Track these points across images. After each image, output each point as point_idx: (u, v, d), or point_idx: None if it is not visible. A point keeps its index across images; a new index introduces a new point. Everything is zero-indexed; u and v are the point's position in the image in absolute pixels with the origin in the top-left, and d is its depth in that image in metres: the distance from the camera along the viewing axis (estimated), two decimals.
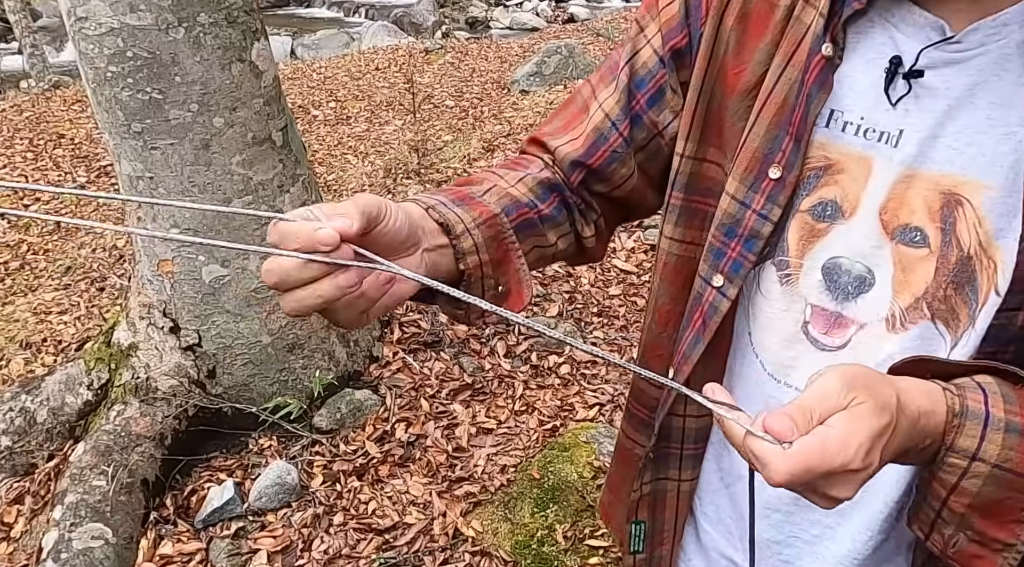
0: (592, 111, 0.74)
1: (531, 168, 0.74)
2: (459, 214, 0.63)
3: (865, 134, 0.60)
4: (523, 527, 1.93)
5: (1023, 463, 0.51)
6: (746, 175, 0.64)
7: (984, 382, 0.53)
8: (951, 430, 0.51)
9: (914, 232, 0.59)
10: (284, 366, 2.13)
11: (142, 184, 1.85)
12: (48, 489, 1.91)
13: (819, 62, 0.60)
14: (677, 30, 0.68)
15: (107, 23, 1.64)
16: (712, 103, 0.67)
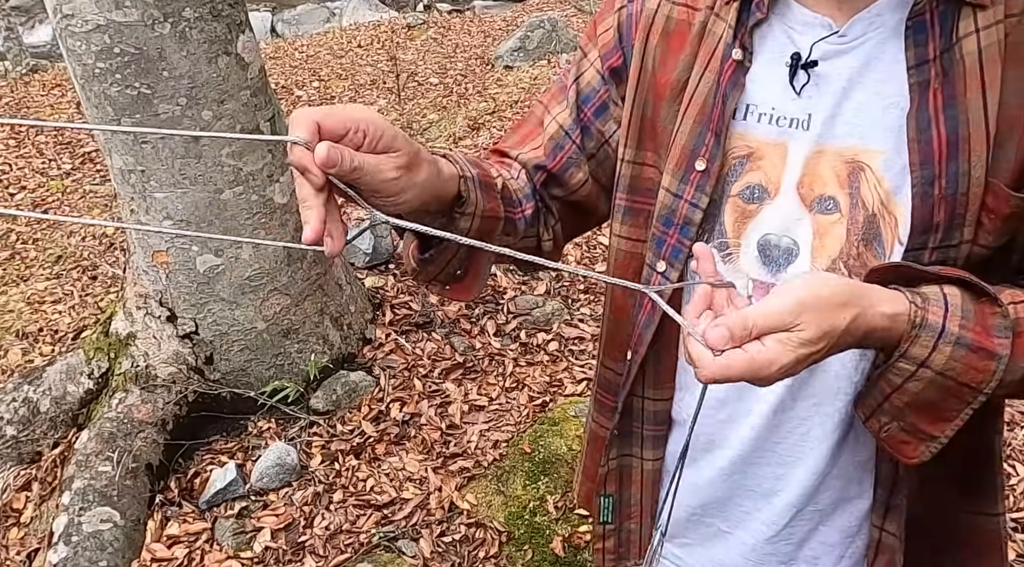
0: (547, 124, 0.82)
1: (512, 170, 0.81)
2: (478, 198, 0.68)
3: (777, 122, 0.68)
4: (516, 499, 2.02)
5: (963, 373, 0.58)
6: (677, 170, 0.73)
7: (950, 295, 0.59)
8: (907, 339, 0.58)
9: (828, 201, 0.67)
10: (280, 351, 2.19)
11: (134, 177, 1.88)
12: (55, 476, 1.97)
13: (731, 66, 0.69)
14: (612, 52, 0.78)
15: (93, 20, 1.66)
16: (646, 111, 0.76)
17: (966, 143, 0.61)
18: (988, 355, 0.58)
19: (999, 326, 0.58)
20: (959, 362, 0.57)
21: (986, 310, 0.59)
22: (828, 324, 0.54)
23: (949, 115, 0.61)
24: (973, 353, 0.57)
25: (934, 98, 0.62)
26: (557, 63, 5.46)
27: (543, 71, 5.33)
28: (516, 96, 4.86)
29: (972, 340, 0.57)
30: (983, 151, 0.61)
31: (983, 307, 0.59)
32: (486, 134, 4.20)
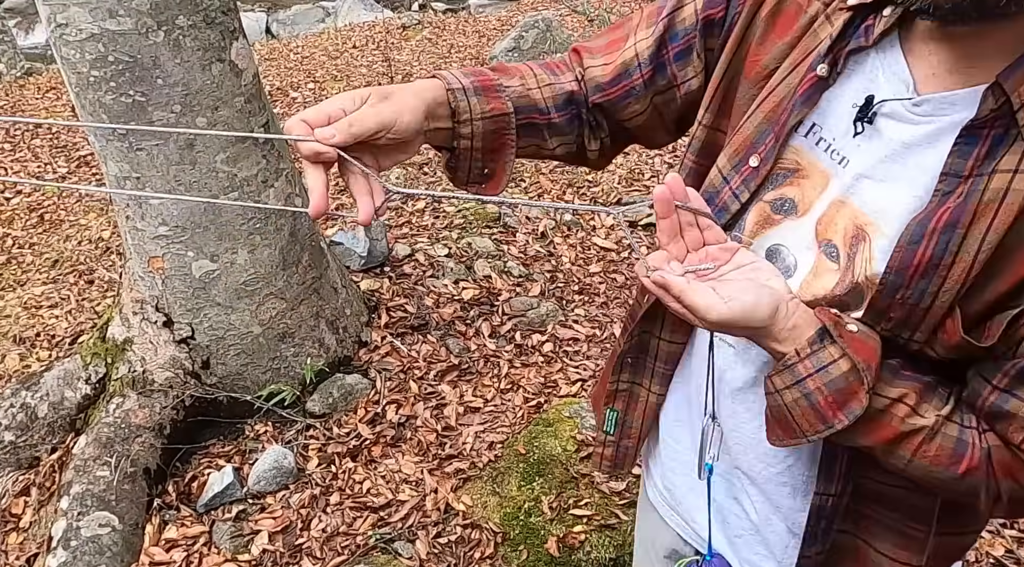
0: (627, 46, 0.83)
1: (562, 78, 0.84)
2: (472, 104, 0.75)
3: (832, 154, 0.68)
4: (511, 500, 2.04)
5: (799, 417, 0.67)
6: (734, 156, 0.74)
7: (838, 363, 0.65)
8: (776, 369, 0.68)
9: (832, 248, 0.69)
10: (276, 354, 2.20)
11: (129, 184, 1.90)
12: (53, 481, 1.99)
13: (812, 78, 0.68)
14: (718, 1, 0.76)
15: (87, 29, 1.67)
16: (732, 82, 0.76)
17: (946, 270, 0.61)
18: (822, 419, 0.66)
19: (852, 409, 0.65)
20: (799, 408, 0.67)
21: (858, 394, 0.64)
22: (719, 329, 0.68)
23: (943, 239, 0.61)
24: (812, 410, 0.66)
25: (942, 214, 0.61)
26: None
27: None
28: None
29: (817, 402, 0.66)
30: (956, 284, 0.61)
31: (858, 390, 0.65)
32: None
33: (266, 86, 5.55)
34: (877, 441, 0.67)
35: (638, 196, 3.55)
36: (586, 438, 2.18)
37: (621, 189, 3.56)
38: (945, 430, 0.65)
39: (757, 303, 0.64)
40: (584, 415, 2.26)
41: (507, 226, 3.21)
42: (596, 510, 2.00)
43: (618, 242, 3.20)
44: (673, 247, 0.67)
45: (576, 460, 2.13)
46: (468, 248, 2.98)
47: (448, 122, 0.74)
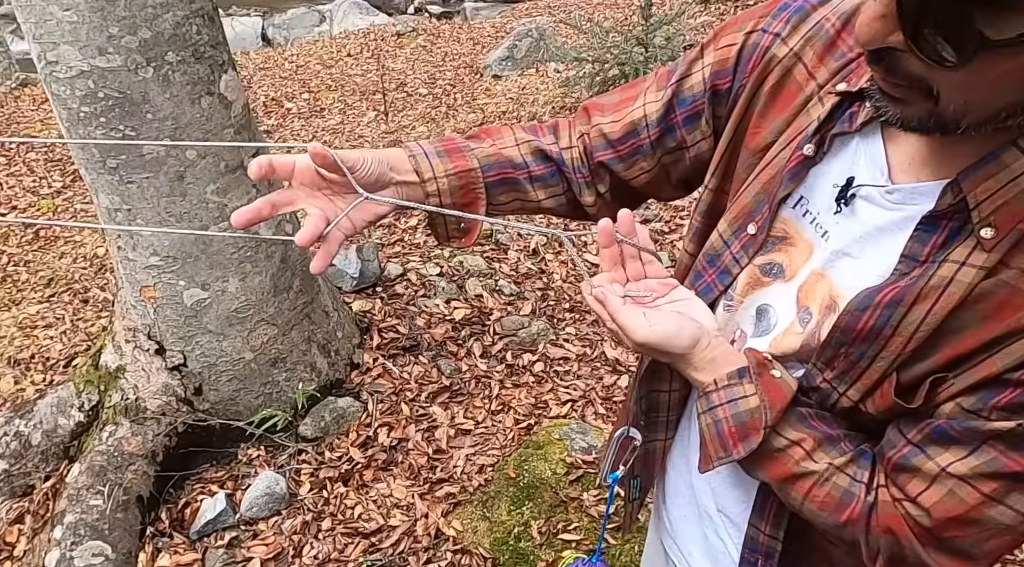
0: (637, 105, 0.86)
1: (543, 138, 0.89)
2: (434, 164, 0.82)
3: (816, 226, 0.73)
4: (501, 525, 2.06)
5: (710, 441, 0.75)
6: (733, 222, 0.78)
7: (749, 399, 0.72)
8: (700, 393, 0.76)
9: (807, 314, 0.73)
10: (268, 380, 2.22)
11: (120, 216, 1.91)
12: (47, 509, 2.01)
13: (798, 157, 0.72)
14: (725, 73, 0.79)
15: (77, 66, 1.69)
16: (735, 150, 0.80)
17: (884, 340, 0.65)
18: (724, 447, 0.74)
19: (749, 443, 0.72)
20: (709, 433, 0.75)
21: (757, 429, 0.71)
22: (644, 352, 0.77)
23: (885, 313, 0.64)
24: (718, 437, 0.74)
25: (889, 291, 0.64)
26: (545, 72, 5.50)
27: (531, 81, 5.37)
28: (504, 107, 4.90)
29: (723, 430, 0.74)
30: (893, 354, 0.65)
31: (758, 426, 0.71)
32: None
33: (260, 97, 5.57)
34: (773, 477, 0.73)
35: None
36: (575, 461, 2.20)
37: None
38: (835, 479, 0.70)
39: (679, 332, 0.73)
40: (574, 437, 2.28)
41: (499, 243, 3.23)
42: (585, 534, 2.02)
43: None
44: (614, 273, 0.77)
45: (566, 483, 2.15)
46: (460, 267, 3.00)
47: (414, 177, 0.80)
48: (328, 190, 0.75)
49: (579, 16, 5.13)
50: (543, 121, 0.96)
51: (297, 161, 0.73)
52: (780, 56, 0.74)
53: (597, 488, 2.14)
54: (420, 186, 0.81)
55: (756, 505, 0.82)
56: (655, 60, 4.04)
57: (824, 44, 0.73)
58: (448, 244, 0.87)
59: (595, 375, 2.61)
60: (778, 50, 0.75)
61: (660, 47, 4.11)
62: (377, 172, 0.76)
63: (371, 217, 0.77)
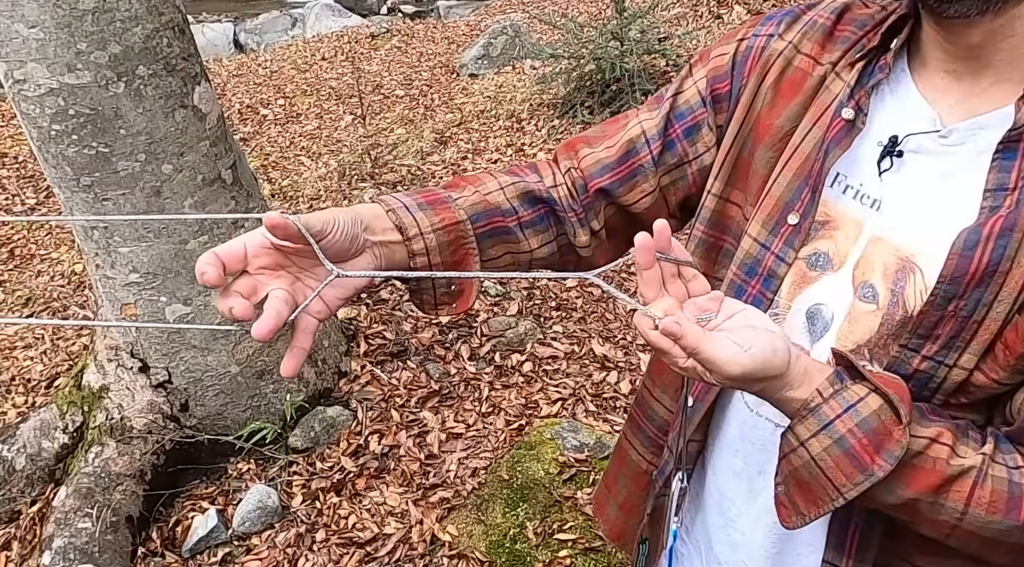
0: (630, 125, 0.83)
1: (528, 177, 0.82)
2: (418, 218, 0.71)
3: (861, 199, 0.69)
4: (496, 527, 2.06)
5: (831, 470, 0.61)
6: (768, 220, 0.73)
7: (866, 402, 0.61)
8: (797, 417, 0.63)
9: (868, 289, 0.68)
10: (255, 392, 2.20)
11: (97, 233, 1.89)
12: (34, 534, 1.98)
13: (839, 124, 0.69)
14: (722, 78, 0.78)
15: (46, 84, 1.66)
16: (743, 150, 0.77)
17: (1003, 276, 0.60)
18: (859, 466, 0.60)
19: (890, 452, 0.60)
20: (830, 458, 0.61)
21: (893, 433, 0.60)
22: (736, 385, 0.62)
23: (999, 244, 0.60)
24: (846, 457, 0.60)
25: (995, 222, 0.60)
26: (522, 69, 5.49)
27: (508, 78, 5.36)
28: (482, 106, 4.88)
29: (851, 446, 0.60)
30: (1016, 289, 0.60)
31: (892, 429, 0.60)
32: (454, 149, 4.22)
33: (235, 104, 5.51)
34: (922, 489, 0.61)
35: None
36: (568, 460, 2.20)
37: None
38: (992, 472, 0.60)
39: (775, 349, 0.60)
40: (565, 436, 2.28)
41: None
42: (581, 533, 2.02)
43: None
44: (661, 303, 0.61)
45: (559, 483, 2.15)
46: None
47: (396, 235, 0.69)
48: (293, 267, 0.61)
49: (553, 12, 5.13)
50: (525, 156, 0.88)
51: (247, 243, 0.59)
52: (779, 50, 0.75)
53: (591, 486, 2.15)
54: (404, 245, 0.69)
55: (831, 538, 0.72)
56: (631, 54, 4.04)
57: (822, 35, 0.74)
58: (437, 314, 0.75)
59: (584, 373, 2.61)
60: (775, 45, 0.75)
61: (635, 40, 4.11)
62: (350, 234, 0.63)
63: (348, 293, 0.64)
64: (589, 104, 4.20)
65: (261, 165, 4.38)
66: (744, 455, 0.79)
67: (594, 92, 4.22)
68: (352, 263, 0.66)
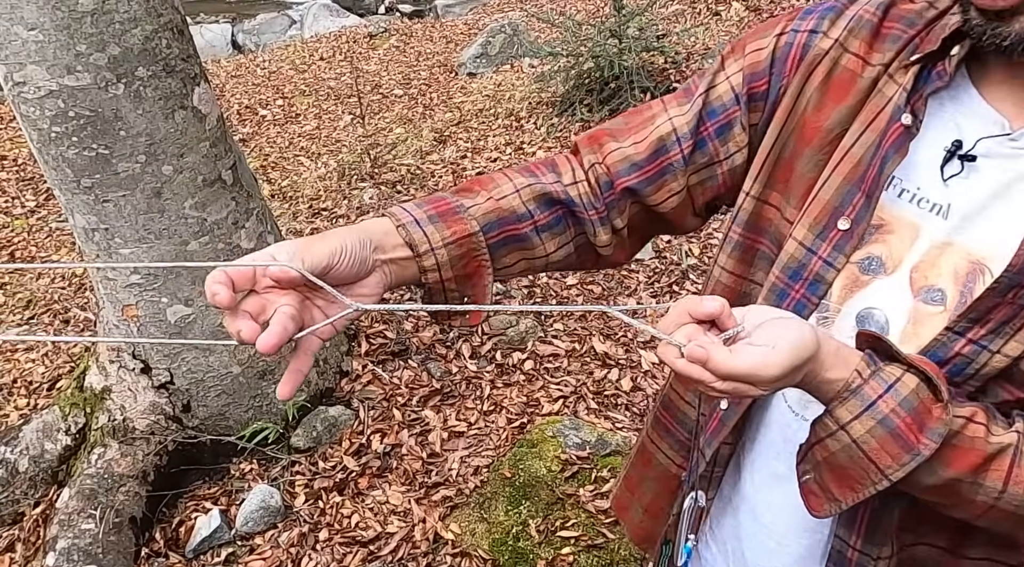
0: (660, 122, 0.80)
1: (544, 177, 0.79)
2: (428, 233, 0.70)
3: (919, 203, 0.68)
4: (499, 525, 2.06)
5: (875, 451, 0.60)
6: (815, 224, 0.71)
7: (904, 381, 0.60)
8: (837, 399, 0.61)
9: (936, 292, 0.67)
10: (257, 392, 2.20)
11: (98, 235, 1.89)
12: (38, 535, 1.98)
13: (897, 129, 0.67)
14: (759, 75, 0.75)
15: (46, 86, 1.66)
16: (784, 152, 0.75)
17: None
18: (905, 446, 0.59)
19: (934, 430, 0.59)
20: (874, 439, 0.60)
21: (933, 411, 0.60)
22: (782, 385, 0.60)
23: None
24: (892, 438, 0.60)
25: None
26: (520, 68, 5.49)
27: (506, 77, 5.35)
28: (481, 104, 4.88)
29: (896, 426, 0.59)
30: None
31: (932, 407, 0.60)
32: (453, 148, 4.22)
33: (234, 105, 5.51)
34: (963, 469, 0.60)
35: None
36: (570, 457, 2.21)
37: None
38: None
39: (800, 333, 0.58)
40: (567, 433, 2.28)
41: None
42: (583, 530, 2.03)
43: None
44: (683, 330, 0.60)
45: (561, 480, 2.15)
46: None
47: (406, 251, 0.69)
48: (303, 287, 0.62)
49: (551, 11, 5.13)
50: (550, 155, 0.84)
51: (255, 260, 0.60)
52: (825, 48, 0.72)
53: (593, 483, 2.15)
54: (415, 261, 0.69)
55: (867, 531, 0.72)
56: (629, 51, 4.04)
57: (869, 32, 0.71)
58: (450, 327, 0.75)
59: (585, 370, 2.61)
60: (821, 43, 0.73)
61: (634, 38, 4.11)
62: (359, 258, 0.63)
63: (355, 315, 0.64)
64: (588, 102, 4.20)
65: (260, 166, 4.38)
66: (787, 459, 0.76)
67: (593, 90, 4.22)
68: (363, 282, 0.66)
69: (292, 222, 3.47)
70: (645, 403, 2.45)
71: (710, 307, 0.59)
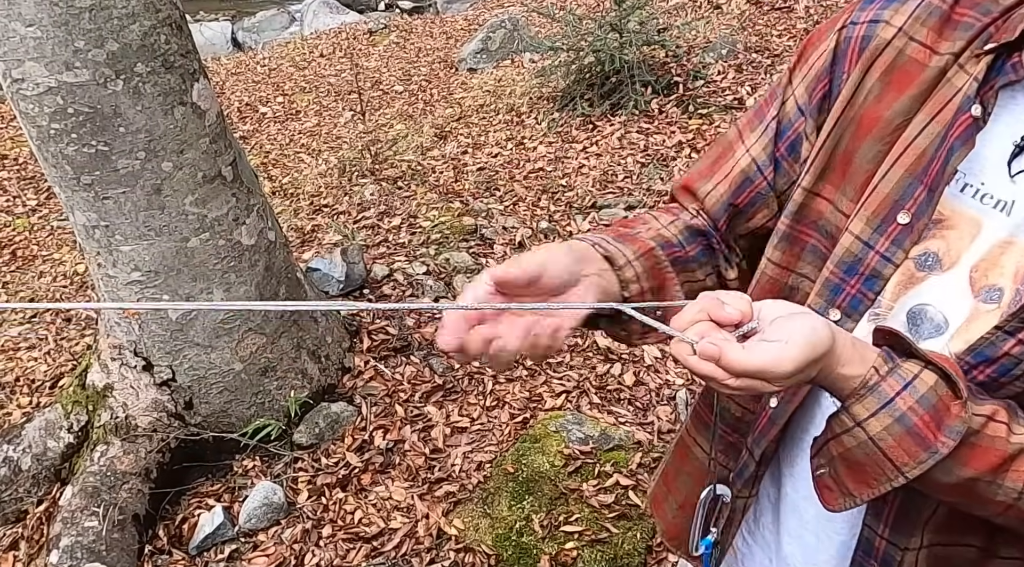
0: (739, 155, 0.82)
1: (682, 215, 0.84)
2: (620, 249, 0.73)
3: (982, 199, 0.65)
4: (502, 520, 2.06)
5: (892, 449, 0.59)
6: (873, 218, 0.69)
7: (923, 378, 0.59)
8: (854, 396, 0.61)
9: (995, 291, 0.65)
10: (259, 389, 2.20)
11: (98, 232, 1.88)
12: (42, 533, 1.98)
13: (965, 121, 0.65)
14: (822, 77, 0.75)
15: (44, 83, 1.66)
16: (840, 143, 0.73)
17: None
18: (922, 444, 0.59)
19: (952, 428, 0.58)
20: (892, 437, 0.59)
21: (952, 408, 0.59)
22: (796, 381, 0.59)
23: None
24: (909, 435, 0.59)
25: None
26: (521, 63, 5.47)
27: (507, 72, 5.34)
28: (481, 100, 4.87)
29: (913, 424, 0.59)
30: None
31: (950, 404, 0.59)
32: (454, 144, 4.21)
33: (234, 102, 5.50)
34: (982, 468, 0.60)
35: (612, 198, 3.57)
36: (573, 452, 2.20)
37: (596, 192, 3.57)
38: None
39: (812, 327, 0.58)
40: (570, 428, 2.28)
41: (484, 238, 3.22)
42: (587, 525, 2.02)
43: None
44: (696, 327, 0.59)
45: (564, 475, 2.15)
46: (446, 264, 2.99)
47: (606, 265, 0.72)
48: None
49: (551, 5, 5.11)
50: None
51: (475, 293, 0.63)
52: (887, 38, 0.70)
53: (596, 478, 2.15)
54: (615, 273, 0.72)
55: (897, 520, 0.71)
56: (630, 45, 4.03)
57: (939, 20, 0.69)
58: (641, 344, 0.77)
59: (588, 365, 2.60)
60: (883, 33, 0.70)
61: (634, 32, 4.10)
62: (569, 270, 0.66)
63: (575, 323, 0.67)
64: (589, 96, 4.19)
65: (261, 163, 4.37)
66: None
67: (594, 84, 4.20)
68: (570, 294, 0.67)
69: (293, 219, 3.46)
70: (648, 398, 2.44)
71: (732, 315, 0.59)
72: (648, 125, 3.97)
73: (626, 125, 3.98)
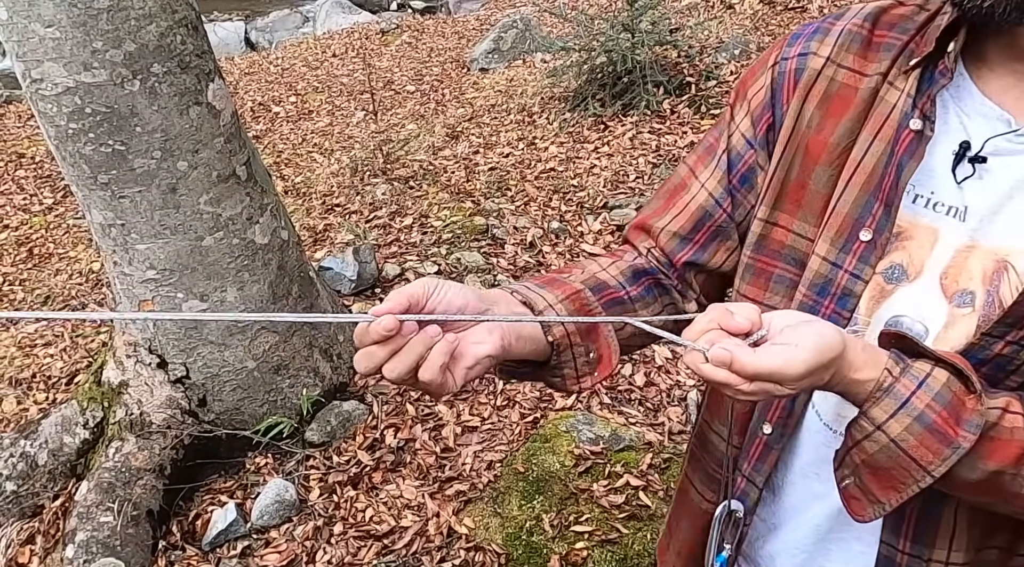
0: (695, 190, 0.81)
1: (625, 255, 0.83)
2: (541, 294, 0.72)
3: (934, 207, 0.68)
4: (512, 520, 2.06)
5: (915, 449, 0.60)
6: (837, 238, 0.71)
7: (935, 376, 0.60)
8: (871, 400, 0.61)
9: (967, 295, 0.66)
10: (272, 387, 2.22)
11: (114, 231, 1.90)
12: (57, 528, 2.01)
13: (908, 135, 0.67)
14: (764, 110, 0.77)
15: (63, 83, 1.68)
16: (791, 172, 0.75)
17: None
18: (944, 440, 0.59)
19: (970, 421, 0.59)
20: (913, 436, 0.60)
21: (967, 403, 0.60)
22: (808, 383, 0.60)
23: None
24: (929, 433, 0.59)
25: None
26: (532, 63, 5.48)
27: (519, 72, 5.35)
28: (493, 100, 4.88)
29: (932, 421, 0.59)
30: None
31: (965, 398, 0.60)
32: (465, 143, 4.22)
33: (248, 102, 5.54)
34: (1004, 461, 0.60)
35: (624, 198, 3.57)
36: (584, 452, 2.20)
37: (607, 193, 3.57)
38: None
39: (820, 332, 0.59)
40: (580, 428, 2.28)
41: (495, 238, 3.23)
42: (597, 525, 2.03)
43: (606, 247, 3.22)
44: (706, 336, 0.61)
45: (575, 475, 2.15)
46: (458, 263, 3.00)
47: (523, 309, 0.70)
48: None
49: (563, 5, 5.11)
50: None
51: None
52: (817, 68, 0.73)
53: (607, 478, 2.15)
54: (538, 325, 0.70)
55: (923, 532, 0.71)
56: (642, 45, 4.02)
57: (861, 45, 0.72)
58: (580, 388, 0.73)
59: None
60: (813, 64, 0.73)
61: (647, 32, 4.09)
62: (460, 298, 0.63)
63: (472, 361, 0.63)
64: (600, 97, 4.19)
65: (274, 162, 4.40)
66: (826, 477, 0.74)
67: (605, 84, 4.20)
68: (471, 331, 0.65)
69: (306, 218, 3.48)
70: (659, 398, 2.44)
71: (741, 325, 0.60)
72: (660, 125, 3.97)
73: (638, 125, 3.98)
